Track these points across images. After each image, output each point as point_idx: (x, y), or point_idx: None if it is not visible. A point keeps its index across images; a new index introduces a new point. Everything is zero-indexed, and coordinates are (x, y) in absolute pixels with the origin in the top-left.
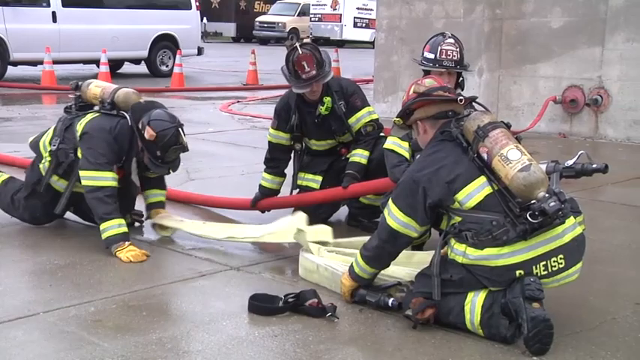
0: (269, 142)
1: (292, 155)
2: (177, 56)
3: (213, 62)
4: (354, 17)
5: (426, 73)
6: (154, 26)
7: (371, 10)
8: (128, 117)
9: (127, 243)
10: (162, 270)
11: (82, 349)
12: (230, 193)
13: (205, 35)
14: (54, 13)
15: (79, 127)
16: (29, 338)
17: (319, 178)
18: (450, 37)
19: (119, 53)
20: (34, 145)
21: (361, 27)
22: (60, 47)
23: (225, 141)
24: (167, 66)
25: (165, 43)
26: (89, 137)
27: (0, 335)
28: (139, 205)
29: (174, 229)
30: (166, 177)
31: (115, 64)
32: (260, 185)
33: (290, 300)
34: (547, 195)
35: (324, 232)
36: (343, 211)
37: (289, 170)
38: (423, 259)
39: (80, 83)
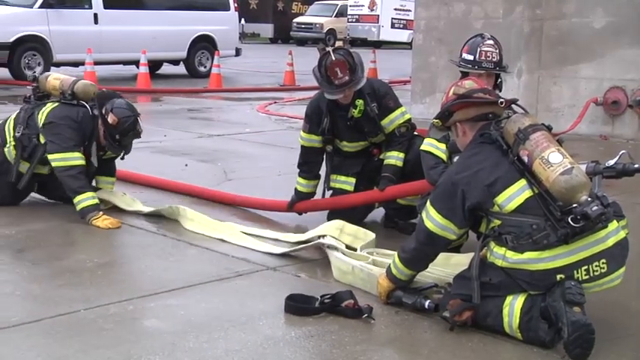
0: (302, 145)
1: (324, 157)
2: (216, 57)
3: (250, 63)
4: (392, 18)
5: (464, 74)
6: (192, 27)
7: (409, 10)
8: (88, 106)
9: (100, 213)
10: (199, 269)
11: (120, 346)
12: (267, 193)
13: (243, 36)
14: (95, 15)
15: (41, 115)
16: (70, 334)
17: (352, 180)
18: (489, 39)
19: (158, 54)
20: None
21: (399, 28)
22: (101, 48)
23: (262, 142)
24: (205, 67)
25: (204, 44)
26: (55, 125)
27: (42, 331)
28: None
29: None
30: (204, 177)
31: (154, 65)
32: (295, 189)
33: (326, 301)
34: (589, 199)
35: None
36: (379, 212)
37: (322, 171)
38: (460, 261)
39: (38, 75)
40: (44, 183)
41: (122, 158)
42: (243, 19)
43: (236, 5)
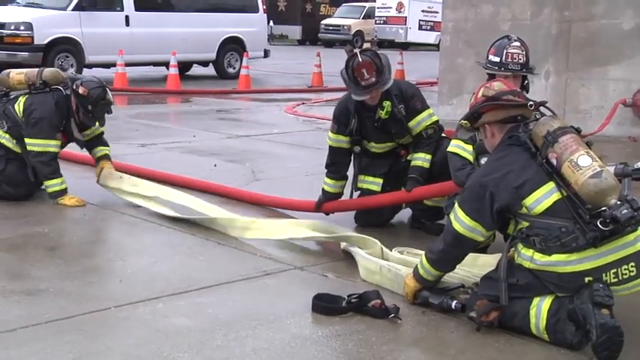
0: (329, 146)
1: (352, 157)
2: (244, 59)
3: (279, 64)
4: (419, 20)
5: (491, 76)
6: (222, 29)
7: (436, 12)
8: (62, 88)
9: (68, 195)
10: (228, 268)
11: (150, 344)
12: (294, 194)
13: (271, 38)
14: (127, 17)
15: (18, 107)
16: (99, 332)
17: (380, 181)
18: (515, 40)
19: (188, 55)
20: None
21: (426, 29)
22: (132, 50)
23: (290, 142)
24: (234, 68)
25: (233, 45)
26: (35, 113)
27: (74, 329)
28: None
29: (116, 189)
30: (233, 177)
31: (183, 67)
32: (323, 189)
33: (353, 300)
34: (619, 202)
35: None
36: (406, 213)
37: (350, 171)
38: (487, 261)
39: None
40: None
41: (101, 125)
42: (271, 21)
43: (265, 7)
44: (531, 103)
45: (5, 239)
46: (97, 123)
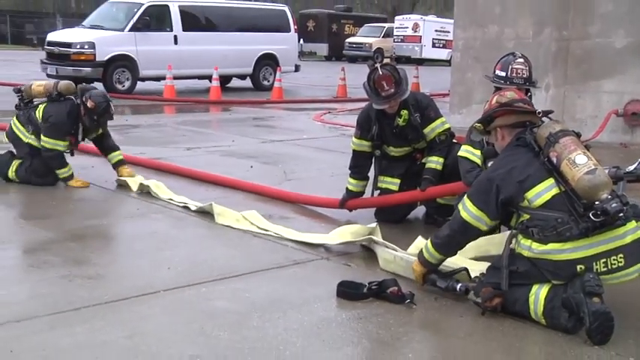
0: (353, 150)
1: (373, 160)
2: (278, 72)
3: (308, 78)
4: (433, 38)
5: (497, 89)
6: (258, 47)
7: (448, 32)
8: (74, 97)
9: (75, 178)
10: (262, 258)
11: (194, 323)
12: (321, 192)
13: (302, 54)
14: (175, 37)
15: (38, 113)
16: (151, 312)
17: (397, 181)
18: (519, 57)
19: (228, 70)
20: (12, 136)
21: (439, 47)
22: (179, 65)
23: (317, 146)
24: (268, 81)
25: (268, 61)
26: (51, 118)
27: (127, 309)
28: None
29: (138, 186)
30: (267, 177)
31: (224, 80)
32: (346, 188)
33: (373, 287)
34: (610, 197)
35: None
36: (420, 210)
37: (371, 173)
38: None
39: (21, 88)
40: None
41: (103, 130)
42: (301, 40)
43: (296, 27)
44: (539, 111)
45: (70, 230)
46: (100, 129)
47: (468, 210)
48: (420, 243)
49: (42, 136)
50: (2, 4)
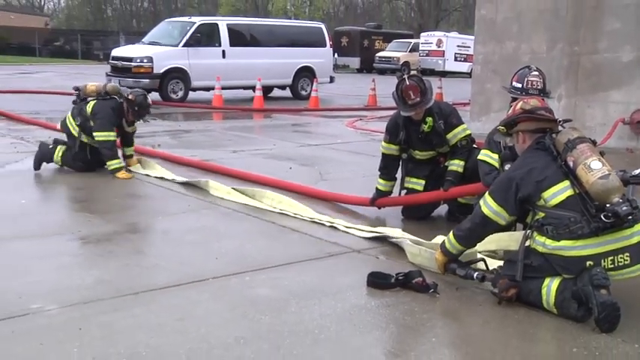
0: (382, 153)
1: (400, 163)
2: (314, 83)
3: (341, 88)
4: (455, 53)
5: (514, 99)
6: (297, 60)
7: (468, 47)
8: (117, 97)
9: (122, 171)
10: (299, 250)
11: (238, 308)
12: (353, 191)
13: (336, 67)
14: (223, 51)
15: (89, 108)
16: (200, 298)
17: (422, 182)
18: (534, 70)
19: (270, 81)
20: (63, 125)
21: (460, 61)
22: (227, 77)
23: (350, 150)
24: (306, 91)
25: (305, 73)
26: (99, 114)
27: (179, 294)
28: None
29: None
30: (305, 177)
31: (266, 89)
32: (376, 188)
33: (400, 278)
34: (621, 200)
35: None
36: (443, 208)
37: (398, 174)
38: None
39: (78, 86)
40: (92, 150)
41: (144, 120)
42: (336, 54)
43: (331, 43)
44: (560, 119)
45: (130, 224)
46: (137, 122)
47: (488, 205)
48: (439, 240)
49: (93, 133)
50: (74, 24)
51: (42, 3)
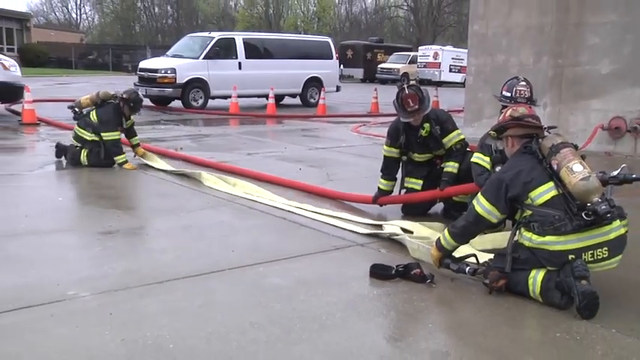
0: (384, 156)
1: (400, 164)
2: (322, 92)
3: (346, 96)
4: (450, 65)
5: (503, 107)
6: (306, 71)
7: (462, 59)
8: (112, 100)
9: (127, 163)
10: (308, 244)
11: (252, 297)
12: (357, 190)
13: (341, 77)
14: (240, 63)
15: (93, 117)
16: (218, 287)
17: (421, 182)
18: (522, 80)
19: (282, 90)
20: (76, 139)
21: (455, 72)
22: (243, 86)
23: (354, 153)
24: (314, 99)
25: (314, 82)
26: (104, 118)
27: (199, 283)
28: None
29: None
30: (313, 178)
31: (278, 98)
32: (378, 187)
33: (400, 269)
34: (600, 200)
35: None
36: (439, 206)
37: (398, 175)
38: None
39: (72, 104)
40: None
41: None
42: (342, 65)
43: (337, 55)
44: (545, 126)
45: (155, 219)
46: (132, 116)
47: (481, 205)
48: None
49: (102, 134)
50: (106, 40)
51: (78, 21)
